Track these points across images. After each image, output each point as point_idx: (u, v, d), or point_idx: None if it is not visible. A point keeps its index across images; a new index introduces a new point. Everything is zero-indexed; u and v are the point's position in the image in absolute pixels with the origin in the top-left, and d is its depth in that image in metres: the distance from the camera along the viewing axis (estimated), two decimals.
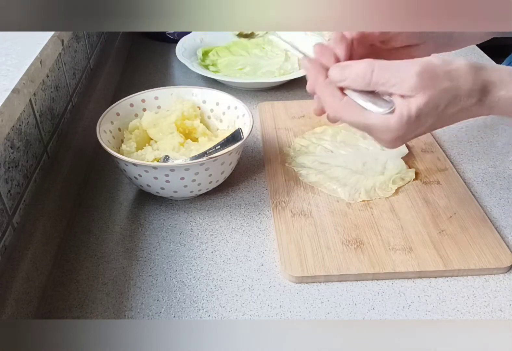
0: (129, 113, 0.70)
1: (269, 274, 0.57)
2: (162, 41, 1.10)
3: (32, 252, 0.52)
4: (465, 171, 0.72)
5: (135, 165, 0.59)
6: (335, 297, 0.54)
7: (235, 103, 0.70)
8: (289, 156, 0.73)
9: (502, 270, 0.57)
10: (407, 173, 0.69)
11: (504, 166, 0.73)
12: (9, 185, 0.52)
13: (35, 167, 0.60)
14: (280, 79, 0.89)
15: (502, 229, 0.62)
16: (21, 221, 0.54)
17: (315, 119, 0.81)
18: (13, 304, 0.47)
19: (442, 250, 0.58)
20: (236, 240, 0.61)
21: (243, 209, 0.66)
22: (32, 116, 0.60)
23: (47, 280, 0.55)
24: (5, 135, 0.48)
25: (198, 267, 0.58)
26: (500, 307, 0.53)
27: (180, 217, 0.65)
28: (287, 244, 0.59)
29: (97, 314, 0.53)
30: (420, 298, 0.54)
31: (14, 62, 0.55)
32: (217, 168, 0.61)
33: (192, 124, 0.69)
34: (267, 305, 0.53)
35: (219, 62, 0.96)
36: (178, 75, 0.99)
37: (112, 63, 0.93)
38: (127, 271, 0.57)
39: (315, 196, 0.66)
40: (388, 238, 0.60)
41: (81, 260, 0.59)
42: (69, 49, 0.76)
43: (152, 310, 0.53)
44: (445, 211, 0.63)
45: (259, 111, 0.84)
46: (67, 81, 0.74)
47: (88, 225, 0.63)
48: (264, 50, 0.99)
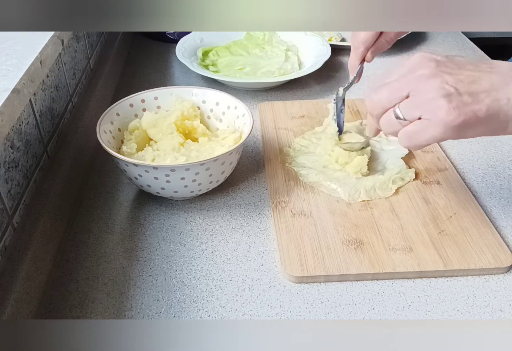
0: (129, 114, 0.70)
1: (269, 274, 0.57)
2: (162, 41, 1.10)
3: (32, 252, 0.52)
4: (465, 171, 0.72)
5: (135, 165, 0.59)
6: (335, 297, 0.54)
7: (235, 103, 0.70)
8: (289, 156, 0.73)
9: (502, 270, 0.57)
10: (407, 173, 0.69)
11: (504, 166, 0.73)
12: (9, 185, 0.52)
13: (35, 167, 0.60)
14: (280, 79, 0.89)
15: (502, 229, 0.62)
16: (21, 221, 0.54)
17: (315, 119, 0.81)
18: (13, 304, 0.47)
19: (442, 250, 0.58)
20: (236, 240, 0.61)
21: (243, 209, 0.66)
22: (32, 116, 0.60)
23: (47, 280, 0.55)
24: (5, 135, 0.48)
25: (198, 267, 0.58)
26: (500, 307, 0.53)
27: (180, 217, 0.65)
28: (287, 244, 0.59)
29: (97, 314, 0.53)
30: (420, 298, 0.54)
31: (14, 62, 0.55)
32: (217, 168, 0.61)
33: (192, 124, 0.69)
34: (267, 305, 0.53)
35: (219, 62, 0.96)
36: (178, 75, 0.99)
37: (112, 63, 0.93)
38: (127, 271, 0.57)
39: (315, 196, 0.66)
40: (388, 238, 0.60)
41: (81, 260, 0.59)
42: (69, 49, 0.76)
43: (152, 310, 0.53)
44: (445, 211, 0.63)
45: (259, 111, 0.84)
46: (67, 81, 0.74)
47: (88, 225, 0.63)
48: (264, 50, 0.99)
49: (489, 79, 0.46)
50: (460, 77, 0.46)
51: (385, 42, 0.66)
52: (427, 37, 1.14)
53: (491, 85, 0.45)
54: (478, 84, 0.45)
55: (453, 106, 0.44)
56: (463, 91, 0.45)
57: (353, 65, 0.69)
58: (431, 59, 0.47)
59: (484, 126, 0.46)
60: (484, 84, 0.45)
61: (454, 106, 0.44)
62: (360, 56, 0.67)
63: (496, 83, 0.45)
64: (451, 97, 0.45)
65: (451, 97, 0.45)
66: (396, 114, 0.47)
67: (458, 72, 0.46)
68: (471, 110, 0.45)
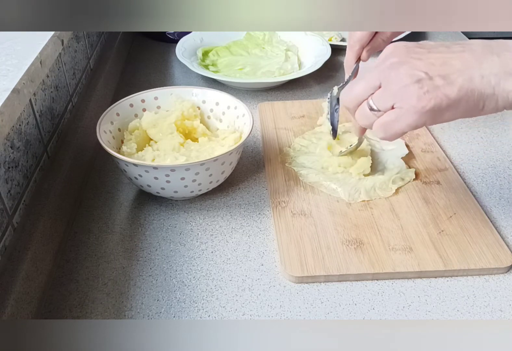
0: (129, 114, 0.70)
1: (269, 274, 0.57)
2: (162, 41, 1.10)
3: (32, 252, 0.52)
4: (465, 171, 0.72)
5: (135, 165, 0.59)
6: (335, 297, 0.54)
7: (235, 103, 0.70)
8: (289, 156, 0.73)
9: (502, 270, 0.57)
10: (407, 173, 0.69)
11: (504, 166, 0.73)
12: (9, 185, 0.52)
13: (35, 167, 0.60)
14: (280, 79, 0.89)
15: (502, 229, 0.62)
16: (21, 221, 0.54)
17: (315, 119, 0.81)
18: (13, 304, 0.47)
19: (442, 250, 0.58)
20: (236, 240, 0.61)
21: (243, 209, 0.66)
22: (32, 116, 0.60)
23: (47, 280, 0.55)
24: (5, 135, 0.48)
25: (198, 267, 0.58)
26: (500, 307, 0.53)
27: (180, 217, 0.65)
28: (287, 244, 0.59)
29: (97, 314, 0.53)
30: (420, 298, 0.54)
31: (14, 62, 0.55)
32: (217, 168, 0.61)
33: (192, 124, 0.69)
34: (267, 305, 0.53)
35: (219, 62, 0.96)
36: (178, 75, 0.99)
37: (112, 63, 0.93)
38: (127, 271, 0.57)
39: (315, 196, 0.66)
40: (388, 238, 0.60)
41: (81, 260, 0.59)
42: (69, 49, 0.76)
43: (152, 310, 0.53)
44: (445, 211, 0.63)
45: (259, 111, 0.84)
46: (67, 81, 0.74)
47: (88, 225, 0.63)
48: (264, 50, 0.99)
49: (461, 58, 0.44)
50: (431, 60, 0.45)
51: (381, 41, 0.66)
52: (427, 37, 1.14)
53: (463, 64, 0.44)
54: (449, 65, 0.44)
55: (424, 91, 0.43)
56: (434, 74, 0.44)
57: (349, 64, 0.68)
58: (401, 47, 0.47)
59: (459, 108, 0.44)
60: (456, 64, 0.44)
61: (425, 91, 0.43)
62: (356, 55, 0.67)
63: (468, 62, 0.44)
64: (422, 82, 0.44)
65: (422, 82, 0.44)
66: (369, 105, 0.47)
67: (429, 56, 0.45)
68: (442, 92, 0.43)
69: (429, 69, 0.44)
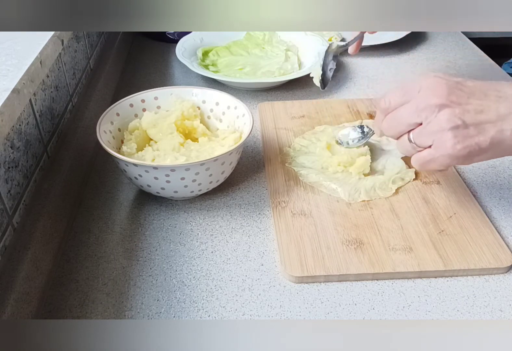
0: (129, 114, 0.70)
1: (269, 274, 0.57)
2: (162, 41, 1.10)
3: (32, 252, 0.52)
4: (465, 171, 0.72)
5: (135, 165, 0.59)
6: (335, 297, 0.54)
7: (235, 103, 0.70)
8: (289, 156, 0.73)
9: (502, 270, 0.57)
10: (407, 173, 0.69)
11: (504, 166, 0.73)
12: (9, 185, 0.52)
13: (35, 167, 0.60)
14: (280, 79, 0.89)
15: (502, 229, 0.62)
16: (21, 221, 0.54)
17: (315, 119, 0.81)
18: (13, 304, 0.47)
19: (442, 250, 0.58)
20: (236, 240, 0.61)
21: (243, 209, 0.66)
22: (32, 116, 0.60)
23: (47, 280, 0.55)
24: (5, 135, 0.48)
25: (198, 267, 0.58)
26: (500, 307, 0.53)
27: (180, 217, 0.65)
28: (287, 244, 0.59)
29: (97, 314, 0.53)
30: (420, 298, 0.54)
31: (14, 62, 0.55)
32: (217, 168, 0.61)
33: (192, 124, 0.69)
34: (267, 305, 0.53)
35: (219, 62, 0.96)
36: (178, 75, 0.99)
37: (112, 63, 0.93)
38: (127, 271, 0.57)
39: (315, 196, 0.66)
40: (388, 238, 0.60)
41: (81, 260, 0.59)
42: (69, 49, 0.76)
43: (152, 310, 0.53)
44: (445, 211, 0.63)
45: (259, 111, 0.84)
46: (67, 81, 0.74)
47: (88, 225, 0.63)
48: (264, 50, 0.99)
49: (495, 109, 0.49)
50: (468, 107, 0.49)
51: None
52: (427, 37, 1.14)
53: (497, 115, 0.48)
54: (485, 114, 0.49)
55: (459, 140, 0.49)
56: (470, 123, 0.48)
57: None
58: (442, 84, 0.50)
59: (488, 154, 0.50)
60: (490, 115, 0.49)
61: (460, 140, 0.49)
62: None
63: (502, 114, 0.49)
64: (458, 130, 0.48)
65: (458, 130, 0.48)
66: (409, 138, 0.53)
67: (467, 101, 0.49)
68: (475, 142, 0.49)
69: (466, 117, 0.49)
